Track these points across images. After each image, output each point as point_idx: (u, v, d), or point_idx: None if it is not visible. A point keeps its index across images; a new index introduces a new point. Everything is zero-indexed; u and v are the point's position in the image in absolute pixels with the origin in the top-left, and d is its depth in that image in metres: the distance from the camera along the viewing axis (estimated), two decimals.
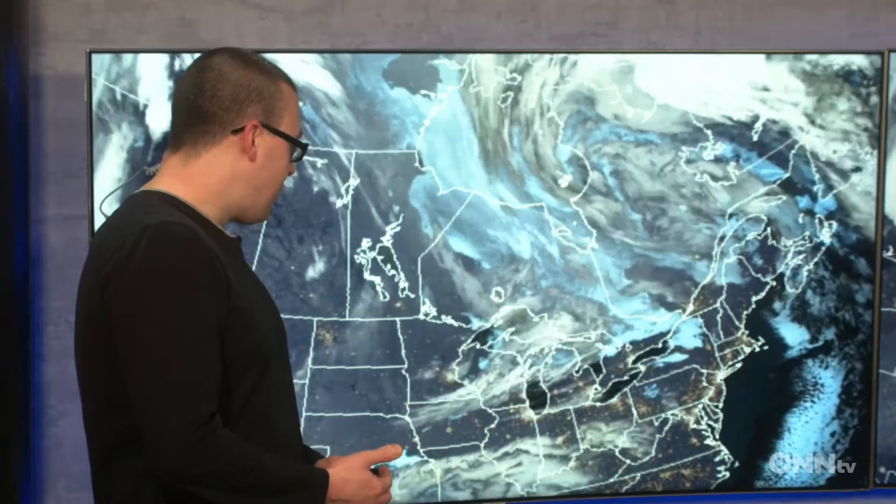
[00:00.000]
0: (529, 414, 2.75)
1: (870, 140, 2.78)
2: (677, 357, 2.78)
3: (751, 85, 2.74)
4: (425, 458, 2.72)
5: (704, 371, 2.79)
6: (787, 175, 2.77)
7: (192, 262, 1.48)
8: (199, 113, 1.58)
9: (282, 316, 1.72)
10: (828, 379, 2.83)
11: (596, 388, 2.77)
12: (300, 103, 1.86)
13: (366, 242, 2.66)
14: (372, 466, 1.67)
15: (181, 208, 1.57)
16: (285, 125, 1.63)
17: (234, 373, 1.54)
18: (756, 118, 2.75)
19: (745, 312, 2.79)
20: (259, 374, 1.58)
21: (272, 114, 1.61)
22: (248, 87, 1.59)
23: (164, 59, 2.57)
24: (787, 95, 2.75)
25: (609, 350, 2.76)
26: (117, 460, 1.54)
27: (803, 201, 2.78)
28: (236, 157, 1.60)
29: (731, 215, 2.77)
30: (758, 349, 2.80)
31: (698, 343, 2.79)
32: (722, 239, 2.77)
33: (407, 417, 2.71)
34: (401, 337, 2.69)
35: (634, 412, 2.78)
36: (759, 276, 2.79)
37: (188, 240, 1.49)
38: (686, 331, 2.78)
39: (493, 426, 2.74)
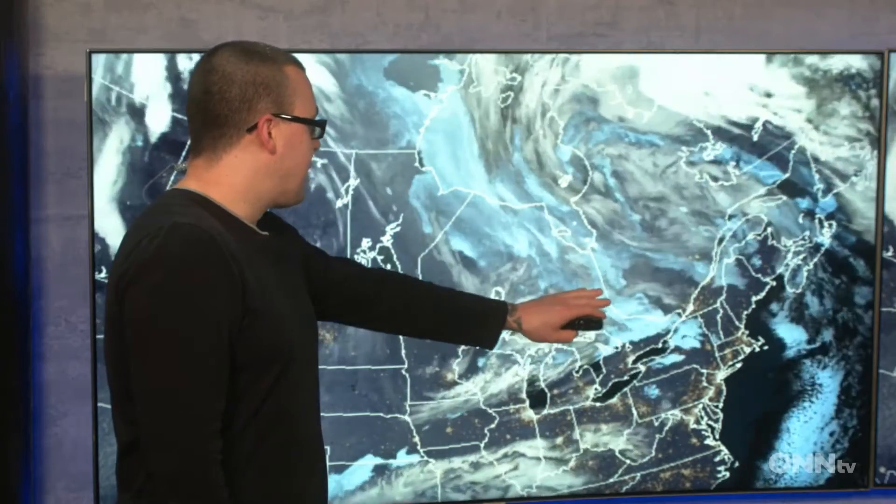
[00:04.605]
0: (529, 414, 2.75)
1: (870, 140, 2.78)
2: (677, 357, 2.78)
3: (750, 85, 2.74)
4: (425, 458, 2.72)
5: (704, 371, 2.79)
6: (786, 175, 2.77)
7: (204, 262, 1.49)
8: (211, 117, 1.59)
9: None
10: (828, 379, 2.83)
11: (596, 389, 2.77)
12: None
13: (366, 242, 2.66)
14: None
15: (209, 208, 1.58)
16: (299, 109, 1.62)
17: (251, 372, 1.55)
18: (756, 119, 2.75)
19: (745, 312, 2.79)
20: (279, 373, 1.59)
21: (283, 102, 1.60)
22: (254, 82, 1.58)
23: (163, 59, 2.57)
24: (786, 96, 2.75)
25: (609, 350, 2.76)
26: (136, 447, 1.54)
27: (803, 202, 2.78)
28: (257, 153, 1.60)
29: (731, 216, 2.77)
30: (758, 349, 2.80)
31: (698, 343, 2.79)
32: (722, 239, 2.77)
33: (407, 417, 2.71)
34: (401, 337, 2.69)
35: (634, 412, 2.78)
36: (759, 276, 2.79)
37: (200, 241, 1.49)
38: (686, 331, 2.78)
39: (492, 426, 2.74)
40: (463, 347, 2.70)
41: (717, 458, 2.82)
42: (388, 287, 1.94)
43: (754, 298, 2.79)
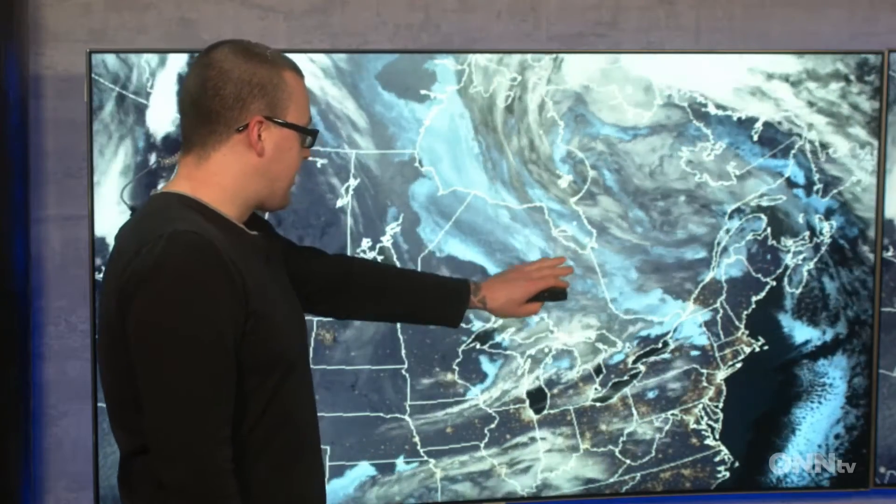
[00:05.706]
0: (529, 414, 2.75)
1: (870, 139, 2.78)
2: (677, 357, 2.78)
3: (751, 84, 2.74)
4: (425, 458, 2.72)
5: (704, 371, 2.79)
6: (787, 174, 2.77)
7: (206, 269, 1.48)
8: (204, 113, 1.58)
9: None
10: (828, 379, 2.83)
11: (596, 388, 2.77)
12: None
13: (366, 242, 2.66)
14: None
15: (200, 210, 1.57)
16: (292, 115, 1.61)
17: (257, 375, 1.55)
18: (757, 117, 2.75)
19: (745, 312, 2.79)
20: (283, 375, 1.59)
21: (276, 106, 1.59)
22: (250, 82, 1.57)
23: (163, 59, 2.57)
24: (787, 95, 2.75)
25: (609, 350, 2.76)
26: (142, 455, 1.54)
27: (804, 200, 2.78)
28: (244, 154, 1.59)
29: (731, 214, 2.77)
30: (758, 349, 2.80)
31: (698, 343, 2.79)
32: (722, 238, 2.77)
33: (407, 417, 2.71)
34: (401, 337, 2.69)
35: (634, 412, 2.78)
36: (760, 275, 2.79)
37: (201, 248, 1.49)
38: (686, 331, 2.78)
39: (493, 426, 2.74)
40: (462, 347, 2.70)
41: (717, 458, 2.82)
42: (354, 274, 1.95)
43: (754, 298, 2.79)
